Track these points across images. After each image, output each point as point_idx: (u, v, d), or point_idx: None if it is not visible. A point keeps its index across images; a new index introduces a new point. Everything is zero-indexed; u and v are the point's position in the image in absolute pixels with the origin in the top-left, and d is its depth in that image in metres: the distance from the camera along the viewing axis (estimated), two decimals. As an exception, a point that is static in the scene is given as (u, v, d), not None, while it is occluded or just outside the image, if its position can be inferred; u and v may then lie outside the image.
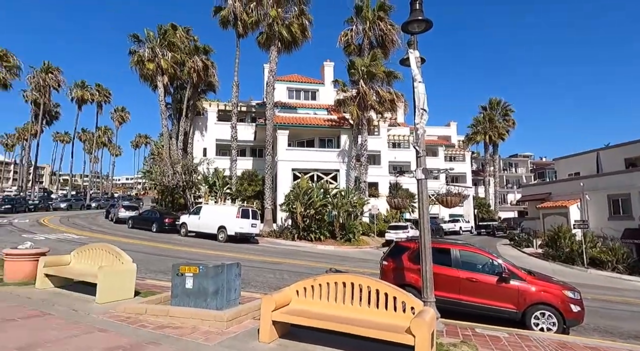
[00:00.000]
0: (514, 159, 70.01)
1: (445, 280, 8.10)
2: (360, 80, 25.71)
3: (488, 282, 7.89)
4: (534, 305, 7.56)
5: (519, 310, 7.59)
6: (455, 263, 8.24)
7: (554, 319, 7.41)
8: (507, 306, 7.68)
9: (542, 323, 7.47)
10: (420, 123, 7.28)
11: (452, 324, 7.16)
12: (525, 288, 7.66)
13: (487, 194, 54.93)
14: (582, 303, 7.65)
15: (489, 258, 8.29)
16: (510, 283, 7.73)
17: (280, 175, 28.01)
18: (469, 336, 6.39)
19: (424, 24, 6.96)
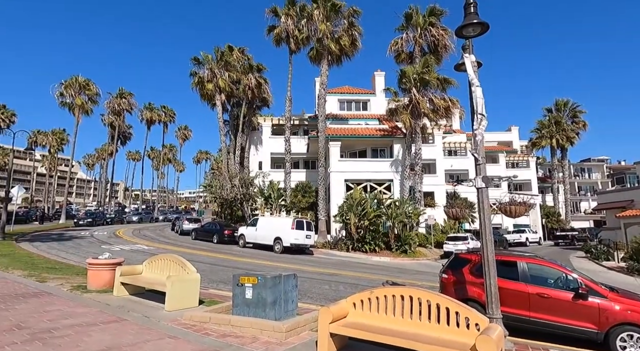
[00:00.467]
0: (586, 164, 64.28)
1: (512, 295, 7.57)
2: (413, 88, 25.26)
3: (562, 298, 7.24)
4: (619, 326, 6.77)
5: (601, 331, 6.85)
6: (522, 277, 7.68)
7: (644, 341, 6.59)
8: (585, 326, 6.97)
9: (630, 346, 6.67)
10: (479, 129, 6.96)
11: (522, 343, 6.66)
12: (608, 306, 6.91)
13: (556, 202, 50.72)
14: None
15: (562, 271, 7.62)
16: (588, 300, 7.02)
17: (333, 186, 28.15)
18: (542, 357, 5.89)
19: (480, 27, 6.71)
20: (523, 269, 7.76)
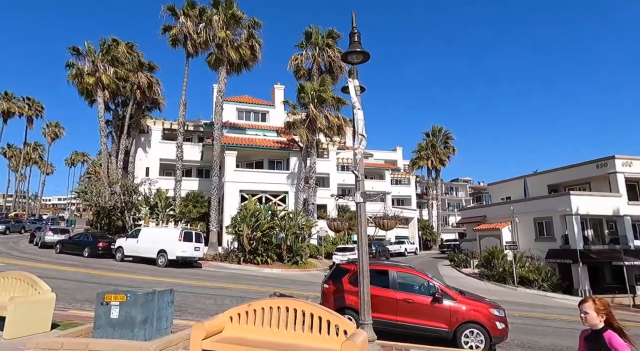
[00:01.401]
0: (454, 183, 74.32)
1: (383, 302, 8.30)
2: (310, 104, 26.32)
3: (423, 303, 8.20)
4: (464, 324, 7.94)
5: (451, 329, 7.93)
6: (392, 285, 8.49)
7: (482, 337, 7.83)
8: (440, 326, 8.00)
9: (471, 341, 7.85)
10: (359, 148, 7.60)
11: (388, 346, 7.31)
12: (457, 307, 8.05)
13: (430, 216, 57.47)
14: (507, 321, 8.16)
15: (425, 279, 8.64)
16: (443, 303, 8.08)
17: (227, 196, 27.41)
18: (403, 357, 6.55)
19: (362, 56, 7.38)
20: (393, 277, 8.59)
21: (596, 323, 2.89)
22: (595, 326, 2.90)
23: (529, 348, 8.81)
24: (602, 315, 2.88)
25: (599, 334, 2.86)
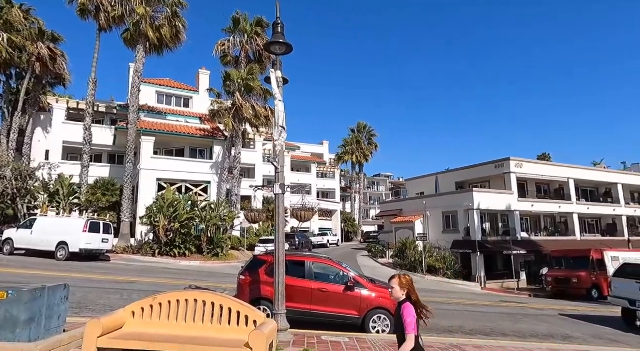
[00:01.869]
0: (377, 178, 78.20)
1: (299, 292, 8.48)
2: (237, 92, 25.58)
3: (336, 292, 8.53)
4: (373, 310, 8.44)
5: (360, 316, 8.38)
6: (309, 275, 8.70)
7: (388, 321, 8.39)
8: (351, 313, 8.41)
9: (378, 326, 8.38)
10: (279, 140, 7.61)
11: (301, 334, 7.49)
12: (366, 295, 8.52)
13: (352, 209, 59.80)
14: (410, 305, 8.84)
15: (339, 269, 8.99)
16: (354, 292, 8.49)
17: (143, 185, 25.61)
18: (313, 344, 6.77)
19: (285, 47, 7.37)
20: (310, 268, 8.80)
21: (399, 297, 3.24)
22: (399, 299, 3.24)
23: (428, 330, 9.64)
24: (404, 289, 3.23)
25: (400, 305, 3.22)
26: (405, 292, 3.24)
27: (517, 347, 8.13)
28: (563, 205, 32.50)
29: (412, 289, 3.27)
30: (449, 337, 8.92)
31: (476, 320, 11.49)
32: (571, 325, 12.05)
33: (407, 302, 3.19)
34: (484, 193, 29.41)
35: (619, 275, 12.58)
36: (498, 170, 31.01)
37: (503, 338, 9.49)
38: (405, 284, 3.26)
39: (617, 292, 12.36)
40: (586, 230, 35.46)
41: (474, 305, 14.95)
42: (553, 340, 9.88)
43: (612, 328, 11.91)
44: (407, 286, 3.25)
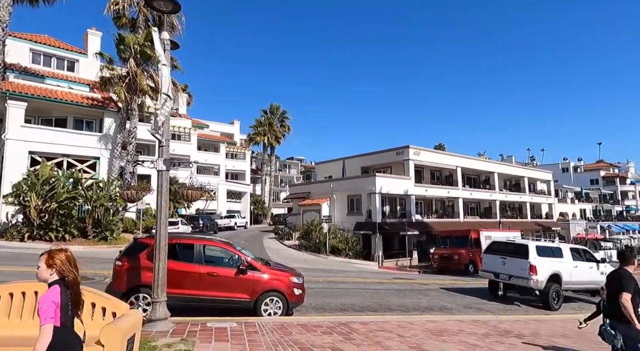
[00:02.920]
0: (289, 161, 78.47)
1: (187, 277, 7.89)
2: (132, 59, 22.83)
3: (228, 275, 8.11)
4: (265, 293, 8.23)
5: (252, 299, 8.11)
6: (198, 259, 8.11)
7: (280, 303, 8.28)
8: (242, 297, 8.09)
9: (270, 309, 8.22)
10: (163, 109, 6.79)
11: (185, 322, 6.94)
12: (259, 277, 8.26)
13: (263, 192, 59.18)
14: (304, 287, 8.85)
15: (232, 252, 8.56)
16: (247, 275, 8.16)
17: (9, 158, 21.71)
18: (194, 332, 6.29)
19: (172, 5, 6.51)
20: (199, 251, 8.20)
21: (46, 277, 2.62)
22: (47, 280, 2.62)
23: (321, 309, 9.84)
24: (53, 268, 2.61)
25: (48, 286, 2.60)
26: (54, 272, 2.60)
27: (399, 320, 8.66)
28: (451, 190, 36.23)
29: (68, 268, 2.62)
30: (340, 315, 9.17)
31: (367, 297, 12.08)
32: (448, 297, 13.41)
33: (56, 285, 2.56)
34: (386, 178, 31.27)
35: (488, 252, 14.32)
36: (399, 157, 33.19)
37: (389, 312, 10.10)
38: (58, 263, 2.60)
39: (486, 266, 14.07)
40: (468, 213, 40.17)
41: (367, 283, 15.80)
42: (431, 311, 10.83)
43: (480, 298, 13.56)
44: (59, 265, 2.60)
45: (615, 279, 4.95)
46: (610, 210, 66.57)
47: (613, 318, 4.90)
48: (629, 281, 4.74)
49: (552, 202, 50.42)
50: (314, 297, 11.37)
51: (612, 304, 4.87)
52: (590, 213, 60.47)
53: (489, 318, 10.05)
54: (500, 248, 14.14)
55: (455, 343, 6.97)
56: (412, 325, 8.22)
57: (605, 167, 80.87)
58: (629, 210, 71.84)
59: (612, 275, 5.17)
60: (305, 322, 7.72)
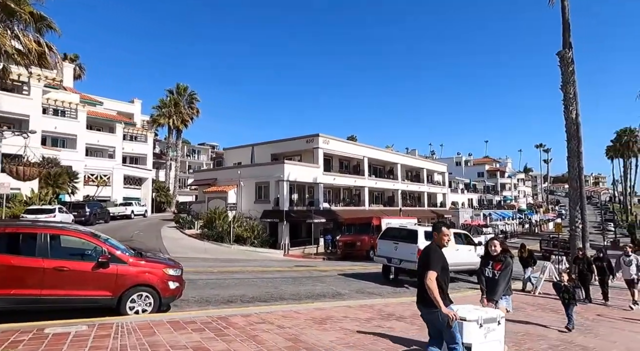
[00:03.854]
0: (200, 147, 74.40)
1: (26, 274, 6.45)
2: (-9, 13, 18.76)
3: (82, 270, 6.85)
4: (132, 288, 7.16)
5: (115, 296, 6.98)
6: (41, 252, 6.67)
7: (151, 299, 7.29)
8: (101, 294, 6.91)
9: (137, 306, 7.19)
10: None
11: (13, 329, 5.61)
12: (125, 271, 7.14)
13: (168, 178, 55.01)
14: (182, 279, 7.95)
15: (92, 242, 7.26)
16: (108, 268, 6.98)
17: None
18: (19, 342, 5.08)
19: None
20: (43, 242, 6.76)
21: None
22: None
23: (206, 302, 9.04)
24: None
25: None
26: None
27: (285, 310, 8.29)
28: (358, 179, 37.53)
29: None
30: (225, 308, 8.49)
31: (261, 287, 11.57)
32: (343, 283, 13.56)
33: None
34: (294, 166, 31.03)
35: (382, 238, 14.83)
36: (309, 145, 33.19)
37: (280, 302, 9.70)
38: None
39: (380, 252, 14.56)
40: (374, 201, 42.19)
41: (266, 272, 15.31)
42: (324, 298, 10.72)
43: (374, 283, 13.98)
44: None
45: (422, 256, 4.44)
46: (492, 200, 76.00)
47: (419, 302, 4.38)
48: (434, 256, 4.23)
49: (446, 192, 55.59)
50: (201, 289, 10.51)
51: (420, 285, 4.30)
52: (476, 202, 68.29)
53: (377, 302, 10.25)
54: (394, 234, 14.72)
55: (335, 330, 6.78)
56: (298, 314, 7.90)
57: (489, 162, 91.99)
58: (505, 200, 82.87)
59: (422, 251, 4.63)
60: (178, 319, 6.89)
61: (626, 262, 12.03)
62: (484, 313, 4.76)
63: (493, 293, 5.38)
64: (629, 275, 11.88)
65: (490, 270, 5.60)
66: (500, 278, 5.41)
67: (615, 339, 7.70)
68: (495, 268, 5.54)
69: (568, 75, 17.72)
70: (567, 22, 18.13)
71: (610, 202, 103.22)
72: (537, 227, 76.17)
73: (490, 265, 5.64)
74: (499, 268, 5.48)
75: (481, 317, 4.61)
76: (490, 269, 5.60)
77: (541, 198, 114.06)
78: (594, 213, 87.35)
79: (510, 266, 5.48)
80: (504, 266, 5.45)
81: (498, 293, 5.35)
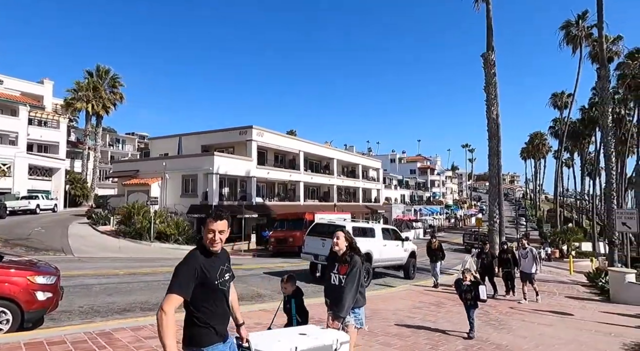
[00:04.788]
0: (126, 136, 68.93)
1: None
2: None
3: None
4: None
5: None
6: None
7: (9, 315, 5.88)
8: None
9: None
10: None
11: None
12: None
13: (85, 169, 49.79)
14: (56, 288, 6.57)
15: None
16: (-54, 279, 5.45)
17: None
18: None
19: None
20: None
21: None
22: None
23: (94, 313, 7.69)
24: None
25: None
26: None
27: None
28: (293, 174, 36.83)
29: None
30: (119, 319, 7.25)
31: (171, 291, 10.30)
32: (267, 283, 12.75)
33: None
34: (225, 158, 29.45)
35: (310, 234, 14.23)
36: (242, 137, 31.72)
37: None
38: None
39: (307, 248, 13.97)
40: (309, 196, 41.83)
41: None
42: (241, 301, 9.78)
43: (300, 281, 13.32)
44: None
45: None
46: (422, 196, 79.91)
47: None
48: None
49: (380, 188, 57.10)
50: (94, 297, 9.06)
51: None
52: (408, 198, 71.25)
53: (296, 303, 9.57)
54: (322, 230, 14.19)
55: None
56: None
57: (421, 159, 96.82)
58: (434, 196, 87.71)
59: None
60: (42, 339, 5.56)
61: (523, 254, 11.96)
62: (307, 340, 3.10)
63: (339, 307, 3.82)
64: (525, 267, 11.83)
65: (336, 274, 4.09)
66: (347, 286, 3.87)
67: (525, 334, 7.80)
68: (341, 273, 4.03)
69: (490, 76, 18.52)
70: (490, 26, 18.92)
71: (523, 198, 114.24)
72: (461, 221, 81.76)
73: (336, 269, 4.12)
74: (345, 272, 3.98)
75: (296, 349, 2.92)
76: (336, 273, 4.09)
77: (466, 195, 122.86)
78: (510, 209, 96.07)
79: (358, 269, 3.93)
80: (349, 269, 3.94)
81: (344, 307, 3.81)
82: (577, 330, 8.66)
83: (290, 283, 4.69)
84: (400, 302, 10.86)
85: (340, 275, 4.03)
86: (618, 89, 37.57)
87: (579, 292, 15.64)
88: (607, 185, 20.08)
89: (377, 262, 14.34)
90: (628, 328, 9.27)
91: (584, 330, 8.67)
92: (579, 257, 30.82)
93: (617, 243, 19.64)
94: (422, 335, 7.14)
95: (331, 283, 4.12)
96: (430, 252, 14.01)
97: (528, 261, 11.76)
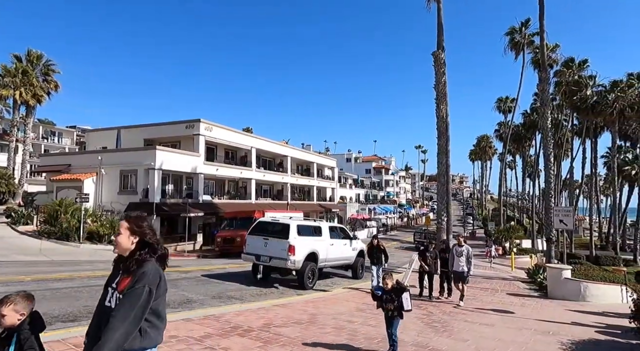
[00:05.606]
0: (63, 129, 63.70)
1: None
2: None
3: None
4: None
5: None
6: None
7: None
8: None
9: None
10: None
11: None
12: None
13: (13, 163, 45.05)
14: None
15: None
16: None
17: None
18: None
19: None
20: None
21: None
22: None
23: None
24: None
25: None
26: None
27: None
28: (244, 171, 35.47)
29: None
30: None
31: (82, 299, 8.96)
32: (202, 287, 11.67)
33: None
34: (169, 153, 27.61)
35: (252, 233, 13.28)
36: (189, 131, 29.95)
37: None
38: None
39: (248, 249, 13.01)
40: (262, 195, 40.61)
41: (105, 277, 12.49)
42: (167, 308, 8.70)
43: (239, 284, 12.40)
44: None
45: None
46: (377, 195, 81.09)
47: None
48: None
49: (335, 187, 56.96)
50: None
51: None
52: (363, 197, 71.89)
53: (229, 309, 8.67)
54: (266, 228, 13.32)
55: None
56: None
57: (376, 159, 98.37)
58: (389, 195, 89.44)
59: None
60: None
61: (457, 252, 11.16)
62: None
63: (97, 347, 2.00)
64: (458, 266, 11.08)
65: (114, 290, 2.36)
66: (118, 313, 2.13)
67: (467, 337, 7.46)
68: (119, 288, 2.30)
69: (440, 75, 18.58)
70: (441, 25, 19.00)
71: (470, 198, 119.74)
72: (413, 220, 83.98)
73: (115, 281, 2.39)
74: (124, 287, 2.25)
75: None
76: (114, 289, 2.36)
77: (418, 195, 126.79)
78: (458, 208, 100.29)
79: (146, 286, 2.20)
80: (131, 284, 2.22)
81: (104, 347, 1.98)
82: (517, 329, 8.51)
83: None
84: (343, 305, 10.26)
85: (117, 292, 2.30)
86: (555, 96, 39.91)
87: (519, 289, 16.00)
88: (545, 184, 20.91)
89: (323, 262, 13.70)
90: (563, 325, 9.31)
91: (524, 329, 8.53)
92: (520, 254, 32.25)
93: (554, 240, 20.50)
94: (359, 341, 6.52)
95: (105, 304, 2.38)
96: (371, 252, 12.73)
97: (461, 260, 11.05)
